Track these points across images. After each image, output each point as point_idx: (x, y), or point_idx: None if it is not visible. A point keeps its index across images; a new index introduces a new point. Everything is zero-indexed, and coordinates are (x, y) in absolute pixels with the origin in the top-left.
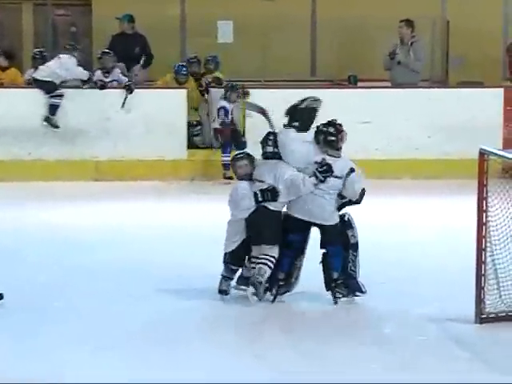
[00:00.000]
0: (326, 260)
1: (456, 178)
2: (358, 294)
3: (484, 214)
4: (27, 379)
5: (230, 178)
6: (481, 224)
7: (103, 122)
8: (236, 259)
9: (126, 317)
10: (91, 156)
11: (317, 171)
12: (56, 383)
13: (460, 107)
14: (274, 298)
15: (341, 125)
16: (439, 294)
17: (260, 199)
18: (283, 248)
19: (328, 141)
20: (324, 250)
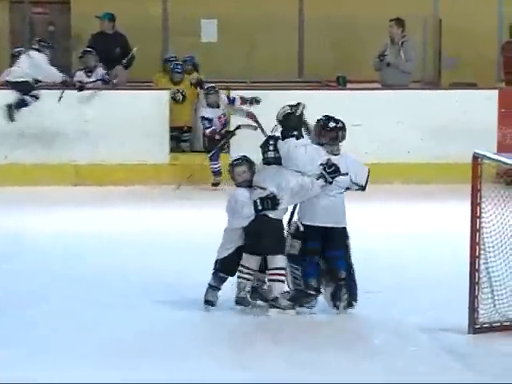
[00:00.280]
0: (332, 263)
1: (449, 182)
2: (354, 304)
3: (478, 220)
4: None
5: (216, 185)
6: (474, 230)
7: (82, 124)
8: (227, 267)
9: (109, 325)
10: (70, 160)
11: (325, 173)
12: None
13: (453, 109)
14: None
15: (340, 120)
16: (432, 303)
17: (260, 208)
18: (306, 256)
19: (332, 137)
20: (328, 256)
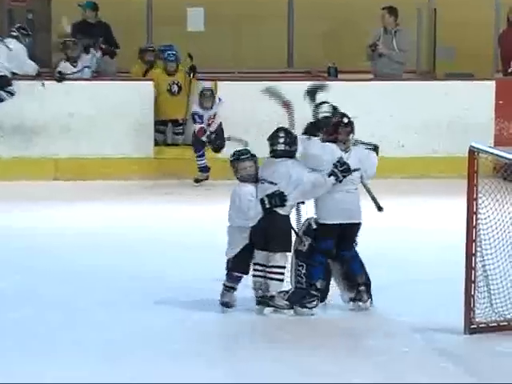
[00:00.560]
0: (350, 267)
1: (444, 177)
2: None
3: (474, 217)
4: None
5: (199, 181)
6: (471, 227)
7: (64, 118)
8: (239, 265)
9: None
10: (50, 154)
11: (338, 171)
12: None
13: (448, 101)
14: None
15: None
16: (427, 302)
17: (268, 206)
18: (316, 256)
19: (348, 132)
20: (344, 256)
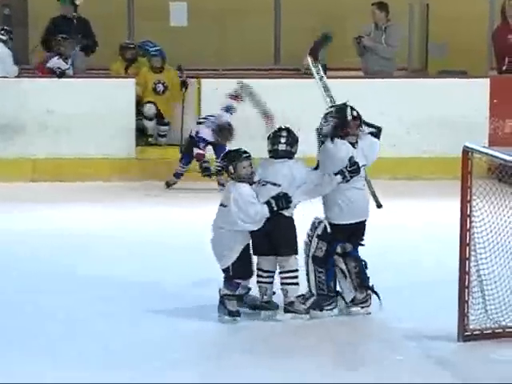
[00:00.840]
0: (359, 267)
1: (437, 178)
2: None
3: (468, 219)
4: None
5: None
6: (464, 230)
7: (41, 116)
8: (242, 270)
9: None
10: (28, 154)
11: (346, 170)
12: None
13: (441, 99)
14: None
15: None
16: (420, 308)
17: (275, 209)
18: (330, 257)
19: (357, 125)
20: (353, 256)
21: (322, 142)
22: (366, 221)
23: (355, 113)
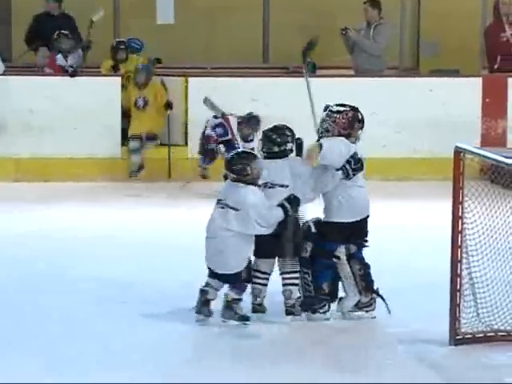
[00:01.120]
0: (364, 270)
1: (428, 179)
2: None
3: (460, 221)
4: None
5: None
6: (456, 232)
7: (25, 115)
8: (249, 273)
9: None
10: (11, 153)
11: (349, 167)
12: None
13: (432, 99)
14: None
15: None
16: (410, 312)
17: (290, 212)
18: (320, 260)
19: (362, 127)
20: (357, 257)
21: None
22: (366, 220)
23: (360, 115)
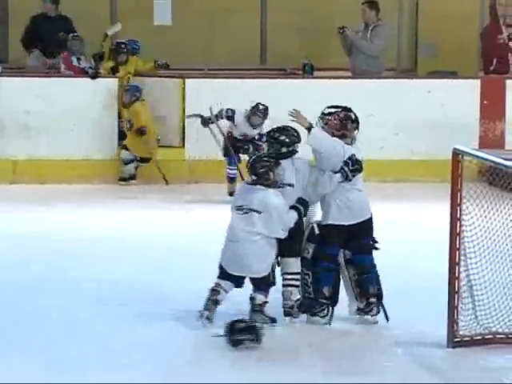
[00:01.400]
0: (363, 274)
1: (426, 181)
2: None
3: (458, 223)
4: None
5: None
6: (454, 234)
7: (22, 116)
8: (275, 277)
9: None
10: (8, 155)
11: (347, 169)
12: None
13: (430, 101)
14: (330, 318)
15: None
16: (409, 314)
17: (304, 214)
18: (321, 263)
19: (356, 128)
20: (357, 262)
21: None
22: (366, 223)
23: (353, 115)
